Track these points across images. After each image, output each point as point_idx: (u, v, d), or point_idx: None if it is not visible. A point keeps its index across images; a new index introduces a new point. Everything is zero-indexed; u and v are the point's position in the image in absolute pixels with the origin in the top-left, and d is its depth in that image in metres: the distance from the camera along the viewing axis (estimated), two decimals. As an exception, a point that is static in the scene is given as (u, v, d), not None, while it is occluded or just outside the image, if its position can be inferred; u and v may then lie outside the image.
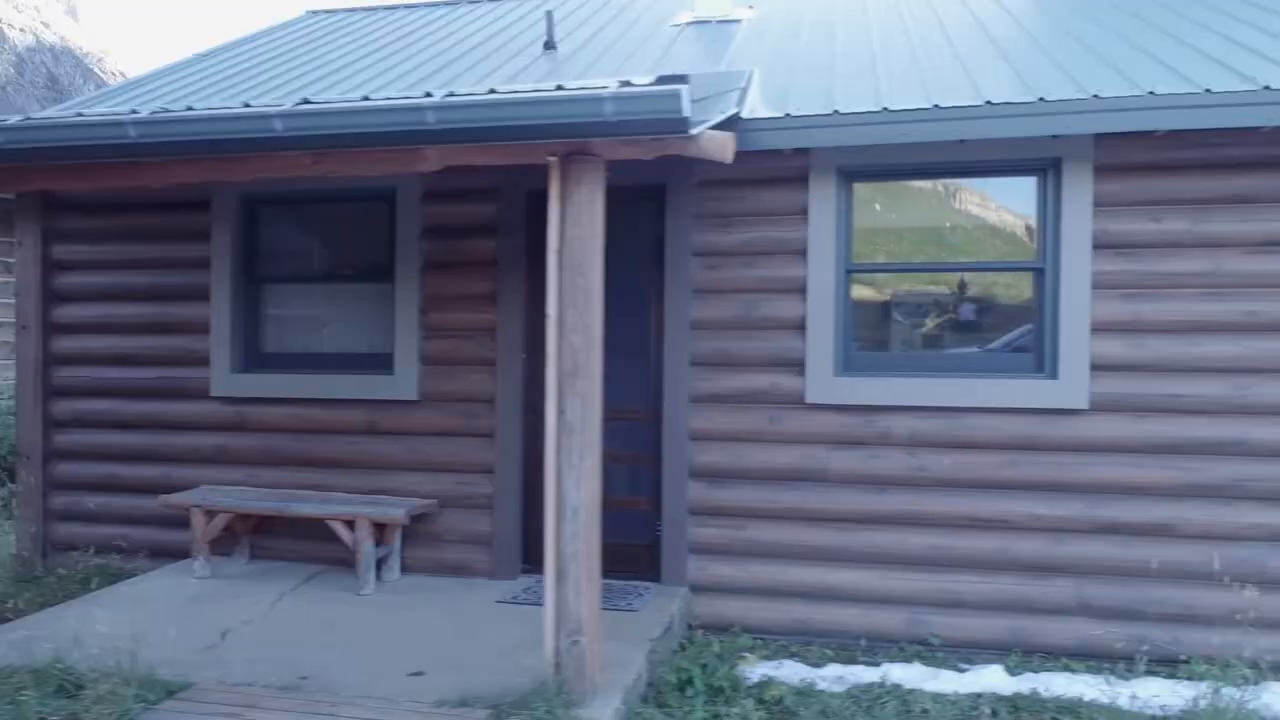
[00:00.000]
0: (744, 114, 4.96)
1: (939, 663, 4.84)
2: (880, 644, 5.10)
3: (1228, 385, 4.77)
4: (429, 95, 3.35)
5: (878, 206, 5.33)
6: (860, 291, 5.30)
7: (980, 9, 7.11)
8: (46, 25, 24.79)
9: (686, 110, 3.08)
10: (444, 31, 8.37)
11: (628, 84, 3.19)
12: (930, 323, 5.29)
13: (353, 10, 10.08)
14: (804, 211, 5.20)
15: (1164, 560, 4.82)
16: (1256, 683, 4.44)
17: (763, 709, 4.06)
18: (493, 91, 3.47)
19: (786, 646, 5.11)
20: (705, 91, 3.48)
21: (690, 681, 4.22)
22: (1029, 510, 4.97)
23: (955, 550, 5.05)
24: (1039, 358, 5.00)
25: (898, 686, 4.42)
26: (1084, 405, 4.89)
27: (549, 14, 7.09)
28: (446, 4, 9.67)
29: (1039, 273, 5.00)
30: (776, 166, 5.21)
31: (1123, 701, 4.24)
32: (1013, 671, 4.64)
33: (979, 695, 4.36)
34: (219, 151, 3.63)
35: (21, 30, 24.01)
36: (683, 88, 3.05)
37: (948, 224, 5.28)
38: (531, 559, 5.65)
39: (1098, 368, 4.89)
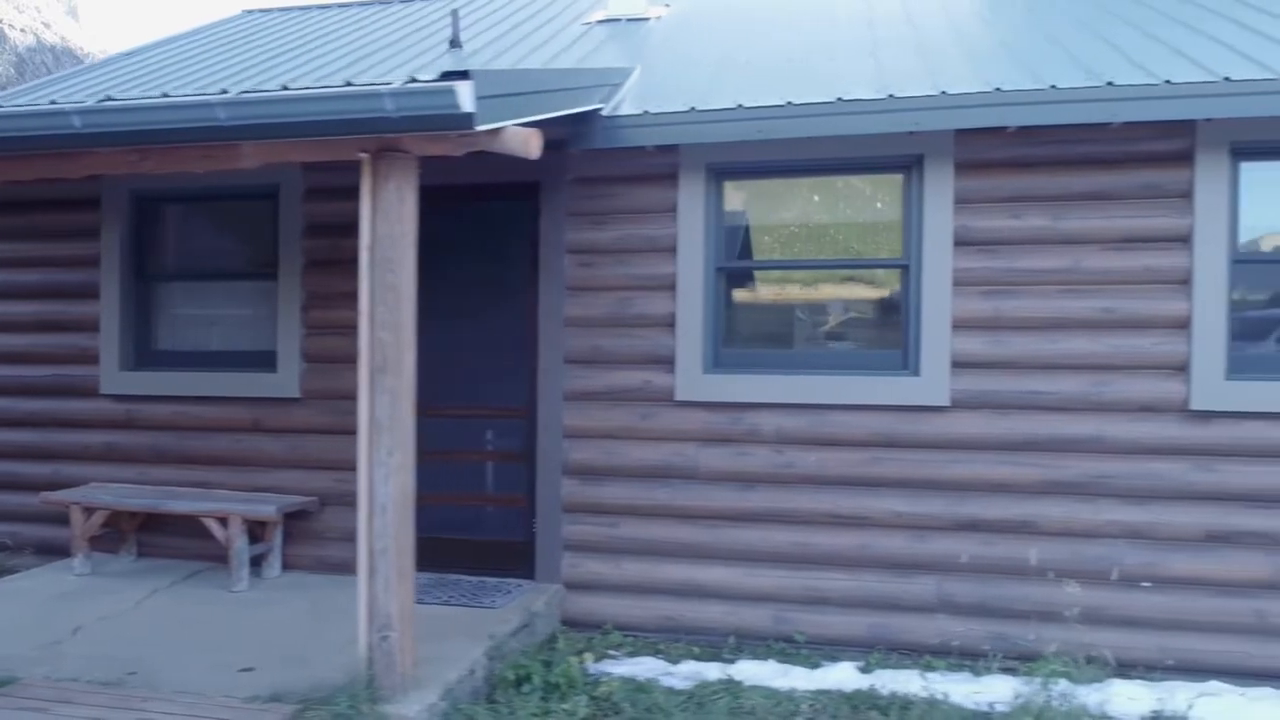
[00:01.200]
0: (606, 111, 4.98)
1: (802, 660, 4.84)
2: (748, 641, 5.10)
3: (1086, 382, 4.77)
4: (224, 92, 3.35)
5: (750, 204, 5.33)
6: (731, 289, 5.29)
7: (921, 7, 7.00)
8: (47, 26, 24.82)
9: (467, 106, 3.08)
10: (366, 29, 8.38)
11: (414, 80, 3.19)
12: (800, 320, 5.29)
13: (287, 9, 10.10)
14: (673, 209, 5.21)
15: (1023, 558, 4.81)
16: (1102, 680, 4.43)
17: (594, 705, 4.06)
18: (285, 88, 3.47)
19: (654, 644, 5.12)
20: (514, 88, 3.47)
21: (529, 678, 4.21)
22: (891, 508, 4.97)
23: (820, 547, 5.05)
24: (904, 355, 4.99)
25: (740, 684, 4.42)
26: (945, 402, 4.89)
27: (454, 12, 7.09)
28: (379, 3, 9.67)
29: (904, 270, 5.00)
30: (647, 164, 5.21)
31: (959, 698, 4.23)
32: (865, 669, 4.64)
33: (823, 692, 4.36)
34: (33, 148, 3.63)
35: (22, 31, 24.03)
36: (459, 84, 3.05)
37: (819, 221, 5.28)
38: (412, 556, 5.66)
39: (959, 365, 4.89)
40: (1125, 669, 4.66)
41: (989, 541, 4.87)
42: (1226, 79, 4.29)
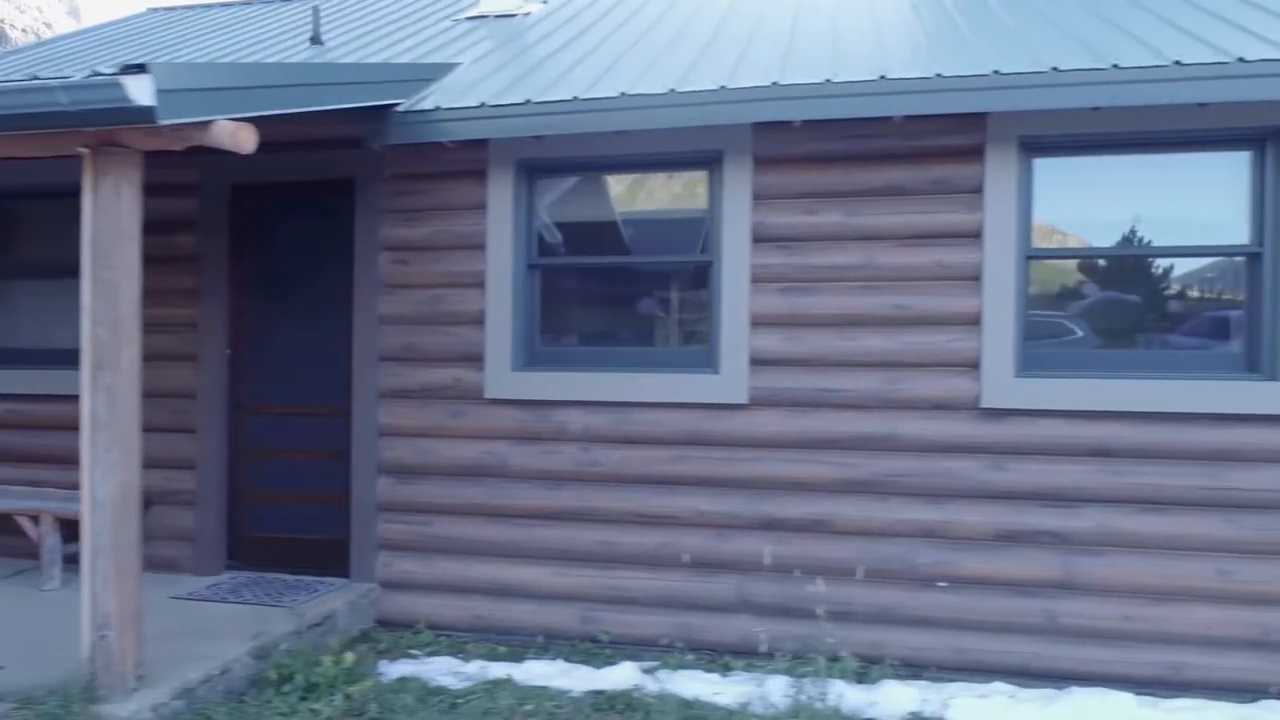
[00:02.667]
0: (405, 106, 4.95)
1: (602, 659, 4.79)
2: (556, 641, 5.06)
3: (880, 380, 4.72)
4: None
5: (563, 200, 5.30)
6: (544, 286, 5.25)
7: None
8: (49, 26, 24.90)
9: (143, 99, 3.06)
10: (254, 25, 8.37)
11: (95, 74, 3.16)
12: (611, 318, 5.26)
13: (190, 7, 10.11)
14: (483, 206, 5.17)
15: (820, 557, 4.77)
16: (876, 680, 4.39)
17: (348, 704, 4.03)
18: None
19: (462, 643, 5.08)
20: (217, 82, 3.45)
21: (291, 677, 4.18)
22: (694, 506, 4.93)
23: (625, 546, 5.01)
24: (707, 352, 4.95)
25: (517, 683, 4.38)
26: (744, 400, 4.85)
27: (315, 9, 7.06)
28: (279, 1, 9.67)
29: (708, 267, 4.95)
30: (457, 160, 5.18)
31: (726, 699, 4.18)
32: (649, 670, 4.59)
33: (597, 692, 4.31)
34: None
35: (24, 31, 24.11)
36: (131, 78, 3.03)
37: (633, 218, 5.24)
38: (236, 554, 5.65)
39: (757, 362, 4.85)
40: (919, 669, 4.62)
41: (786, 540, 4.82)
42: (996, 72, 4.24)
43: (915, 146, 4.66)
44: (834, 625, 4.72)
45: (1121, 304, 4.68)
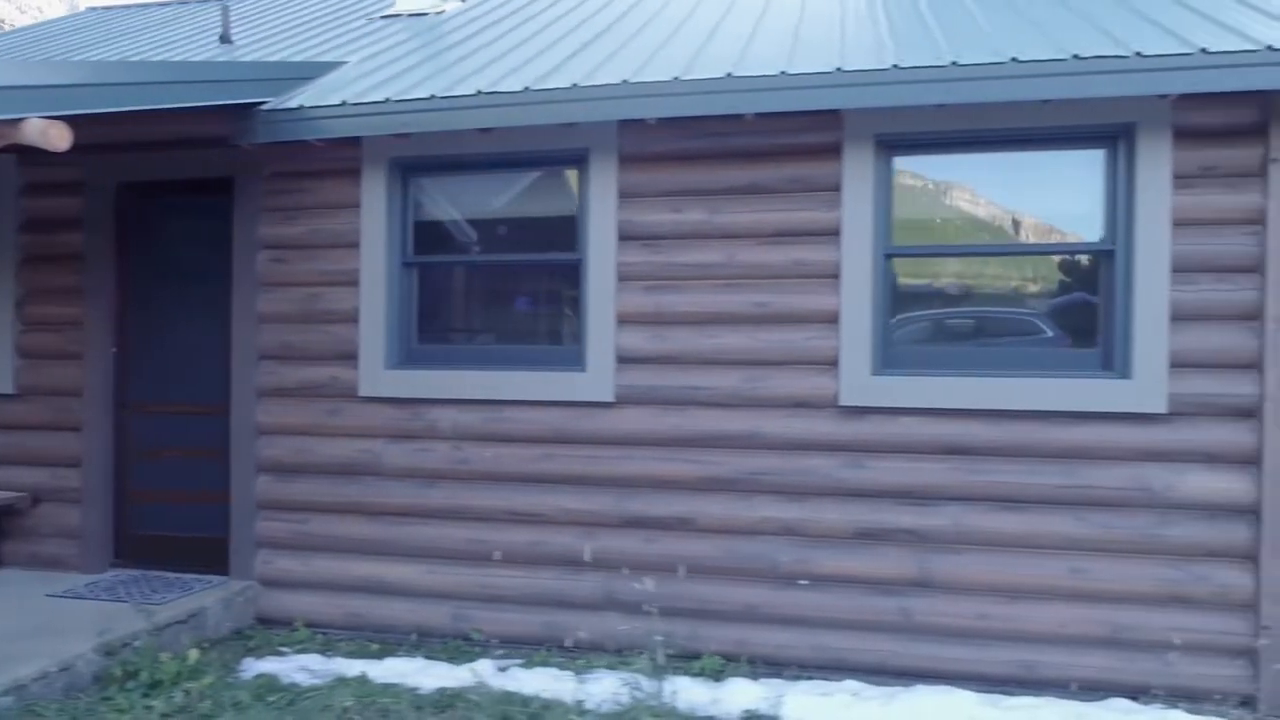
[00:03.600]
0: (270, 106, 4.95)
1: (469, 656, 4.79)
2: (429, 639, 5.06)
3: (742, 378, 4.71)
4: None
5: (439, 198, 5.30)
6: (419, 285, 5.25)
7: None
8: None
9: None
10: (179, 25, 8.38)
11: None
12: (486, 316, 5.26)
13: (128, 6, 10.13)
14: (357, 204, 5.17)
15: (684, 555, 4.76)
16: (730, 678, 4.39)
17: (186, 698, 4.04)
18: None
19: (336, 640, 5.09)
20: (30, 80, 3.45)
21: (136, 674, 4.19)
22: (562, 504, 4.93)
23: (496, 544, 5.01)
24: (576, 350, 4.95)
25: (370, 681, 4.39)
26: (610, 398, 4.84)
27: (225, 8, 7.07)
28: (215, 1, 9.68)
29: (578, 265, 4.95)
30: (333, 158, 5.17)
31: (568, 697, 4.18)
32: (503, 667, 4.59)
33: (444, 690, 4.31)
34: None
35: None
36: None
37: (510, 216, 5.25)
38: (122, 553, 5.66)
39: (624, 360, 4.84)
40: (780, 667, 4.62)
41: (653, 539, 4.82)
42: (839, 69, 4.23)
43: (776, 144, 4.66)
44: (699, 623, 4.74)
45: (983, 302, 4.68)
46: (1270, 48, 3.82)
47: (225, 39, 6.98)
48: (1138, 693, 4.28)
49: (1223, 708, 4.19)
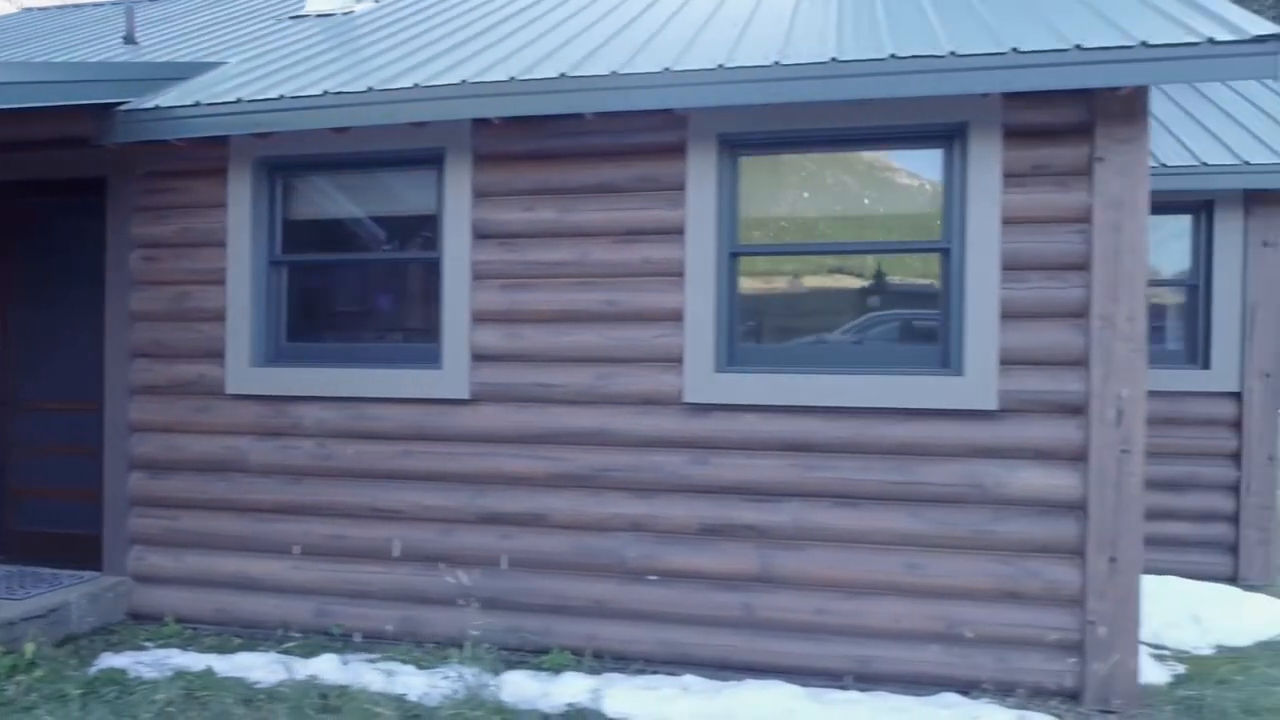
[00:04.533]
0: (130, 106, 5.00)
1: (326, 651, 4.83)
2: (295, 634, 5.10)
3: (592, 375, 4.75)
4: None
5: (306, 196, 5.34)
6: (288, 283, 5.29)
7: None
8: None
9: None
10: (98, 27, 8.45)
11: None
12: (351, 314, 5.30)
13: (62, 7, 10.21)
14: (224, 203, 5.21)
15: (537, 550, 4.81)
16: (559, 672, 4.43)
17: (16, 689, 4.10)
18: None
19: (204, 636, 5.14)
20: None
21: (-22, 668, 4.25)
22: (421, 500, 4.97)
23: (358, 540, 5.05)
24: (434, 348, 4.98)
25: (209, 673, 4.44)
26: (466, 395, 4.88)
27: (129, 8, 7.12)
28: (146, 2, 9.74)
29: (436, 264, 4.99)
30: (201, 158, 5.22)
31: (397, 688, 4.23)
32: (346, 661, 4.63)
33: (289, 683, 4.35)
34: None
35: None
36: None
37: (374, 214, 5.29)
38: (3, 549, 5.71)
39: (479, 358, 4.89)
40: (628, 662, 4.66)
41: (508, 535, 4.86)
42: (667, 69, 4.27)
43: (625, 144, 4.69)
44: (552, 618, 4.78)
45: (824, 300, 4.71)
46: (1079, 47, 3.85)
47: (129, 40, 7.04)
48: (971, 688, 4.31)
49: (1051, 702, 4.22)
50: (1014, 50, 3.91)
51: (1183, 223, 6.63)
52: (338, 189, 5.32)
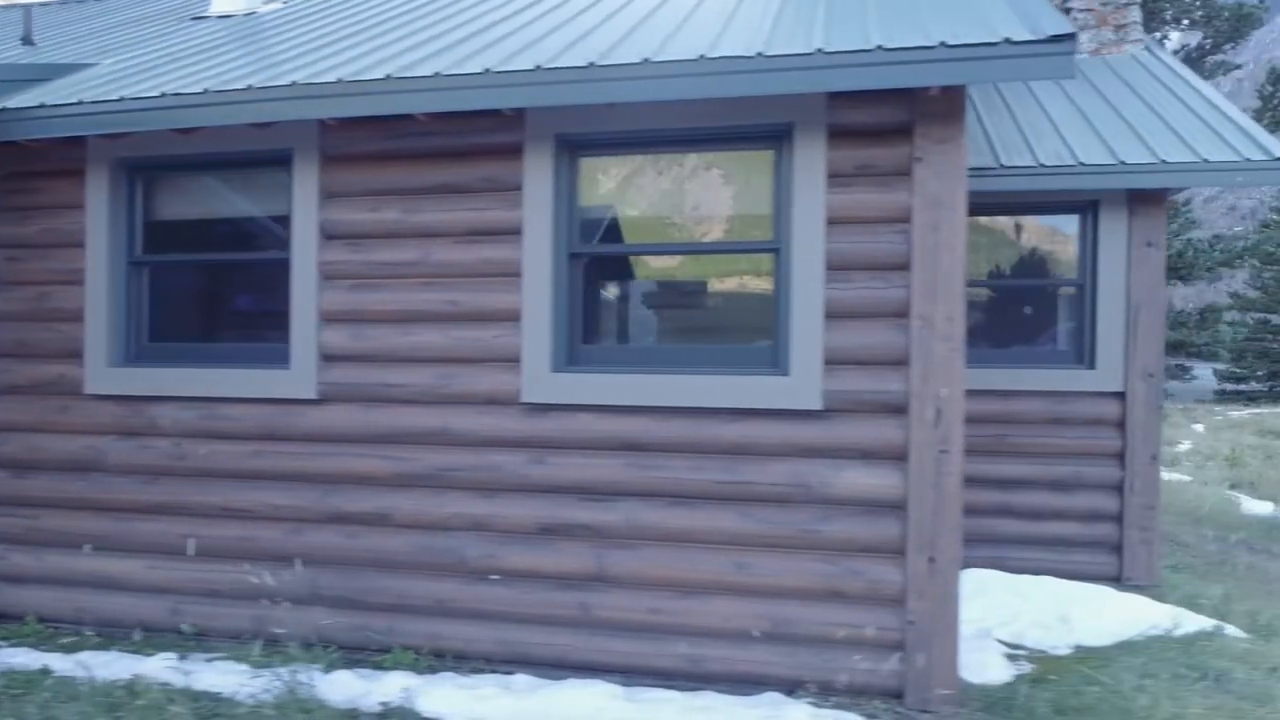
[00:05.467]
0: None
1: (172, 650, 4.85)
2: (152, 634, 5.12)
3: (435, 375, 4.77)
4: None
5: (166, 196, 5.36)
6: (149, 283, 5.30)
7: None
8: None
9: None
10: (15, 28, 8.47)
11: None
12: (207, 314, 5.32)
13: (4, 8, 10.23)
14: (83, 205, 5.23)
15: (382, 550, 4.82)
16: (389, 670, 4.44)
17: None
18: None
19: (59, 635, 5.16)
20: None
21: None
22: (271, 500, 4.98)
23: (211, 540, 5.07)
24: (284, 349, 4.99)
25: (45, 672, 4.46)
26: (314, 395, 4.90)
27: (27, 10, 7.15)
28: (74, 3, 9.78)
29: (284, 264, 5.00)
30: (61, 158, 5.23)
31: (222, 688, 4.25)
32: (183, 659, 4.65)
33: (113, 682, 4.37)
34: None
35: None
36: None
37: (229, 215, 5.32)
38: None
39: (327, 358, 4.90)
40: (466, 661, 4.68)
41: (355, 534, 4.88)
42: (488, 70, 4.28)
43: (469, 145, 4.71)
44: (396, 618, 4.80)
45: (662, 300, 4.72)
46: (881, 47, 3.86)
47: (27, 41, 7.06)
48: (797, 686, 4.32)
49: (874, 702, 4.23)
50: (820, 51, 3.92)
51: (1072, 223, 6.64)
52: (196, 190, 5.34)
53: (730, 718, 3.92)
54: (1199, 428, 27.05)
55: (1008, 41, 3.74)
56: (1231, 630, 5.57)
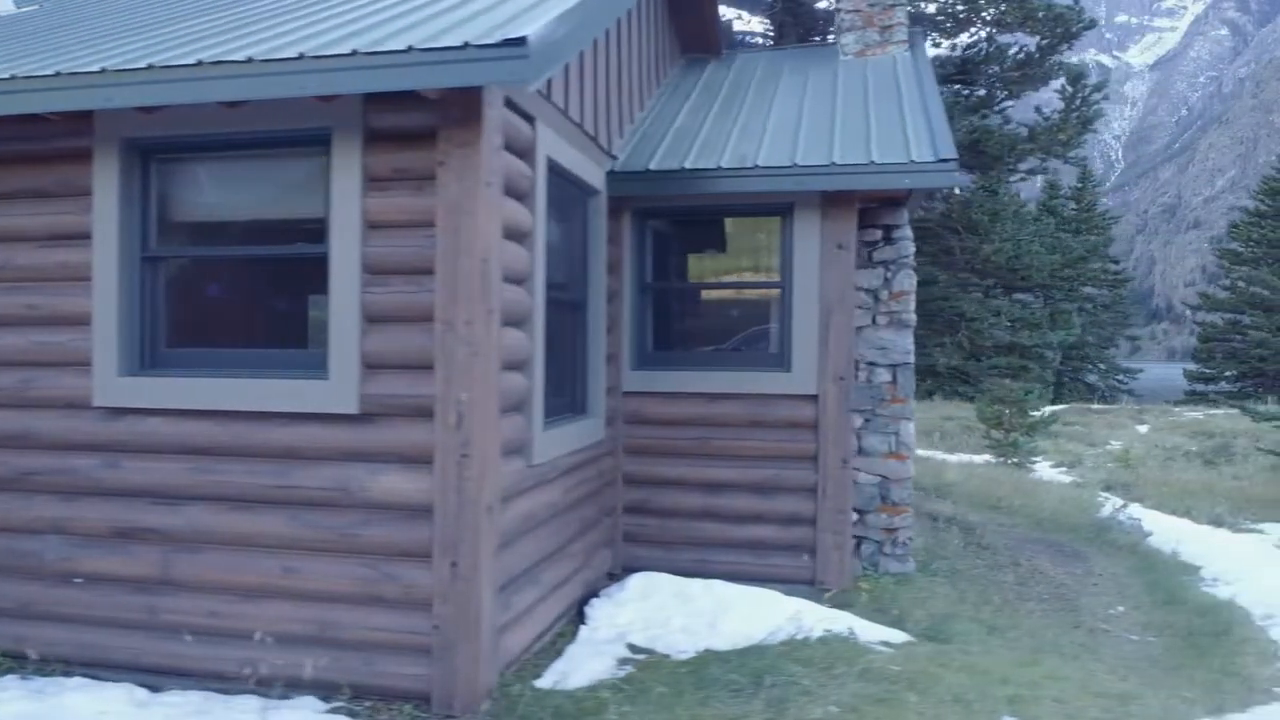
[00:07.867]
0: None
1: None
2: None
3: (16, 378, 4.77)
4: None
5: None
6: None
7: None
8: None
9: None
10: None
11: None
12: None
13: None
14: None
15: (-29, 553, 4.83)
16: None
17: None
18: None
19: None
20: None
21: None
22: (-126, 503, 4.99)
23: None
24: None
25: None
26: (-93, 399, 4.90)
27: None
28: None
29: (-107, 267, 5.01)
30: None
31: None
32: None
33: None
34: None
35: None
36: None
37: None
38: None
39: (-85, 362, 4.91)
40: (49, 665, 4.67)
41: (-56, 537, 4.88)
42: (59, 73, 4.27)
43: (50, 149, 4.70)
44: (-17, 622, 4.80)
45: (236, 304, 4.72)
46: (356, 51, 3.85)
47: None
48: (335, 692, 4.31)
49: (405, 707, 4.23)
50: (355, 53, 3.90)
51: (775, 225, 6.63)
52: None
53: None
54: (1142, 428, 26.97)
55: (468, 45, 3.74)
56: (888, 636, 5.55)
